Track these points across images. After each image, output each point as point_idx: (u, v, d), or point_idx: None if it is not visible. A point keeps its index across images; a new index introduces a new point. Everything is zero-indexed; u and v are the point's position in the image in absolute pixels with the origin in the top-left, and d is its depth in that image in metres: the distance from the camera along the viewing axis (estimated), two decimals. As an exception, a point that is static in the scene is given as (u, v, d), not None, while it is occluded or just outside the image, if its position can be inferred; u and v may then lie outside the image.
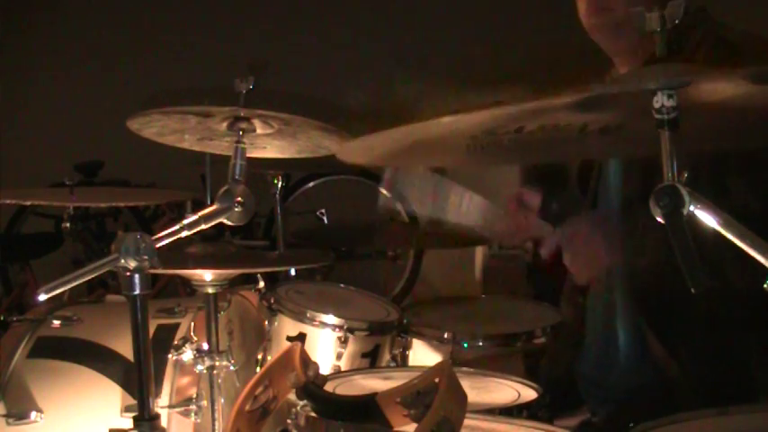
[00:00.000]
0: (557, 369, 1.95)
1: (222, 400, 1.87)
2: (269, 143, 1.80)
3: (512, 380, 1.62)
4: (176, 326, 2.02)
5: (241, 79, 1.63)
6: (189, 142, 1.85)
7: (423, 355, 2.12)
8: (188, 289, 2.99)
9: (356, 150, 1.19)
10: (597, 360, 1.91)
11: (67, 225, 2.90)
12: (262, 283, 2.28)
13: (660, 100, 0.97)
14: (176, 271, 1.97)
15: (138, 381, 1.32)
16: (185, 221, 1.43)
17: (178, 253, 1.89)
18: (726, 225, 0.98)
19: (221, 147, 1.83)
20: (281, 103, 1.61)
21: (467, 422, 1.15)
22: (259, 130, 1.69)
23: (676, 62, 0.93)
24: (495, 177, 2.21)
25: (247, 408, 1.24)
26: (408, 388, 1.13)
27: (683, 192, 0.98)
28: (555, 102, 0.93)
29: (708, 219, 0.98)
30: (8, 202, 3.64)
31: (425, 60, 4.44)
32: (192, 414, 1.91)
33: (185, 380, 1.94)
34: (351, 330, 2.04)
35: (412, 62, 4.50)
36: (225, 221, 1.51)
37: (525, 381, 1.61)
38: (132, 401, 1.71)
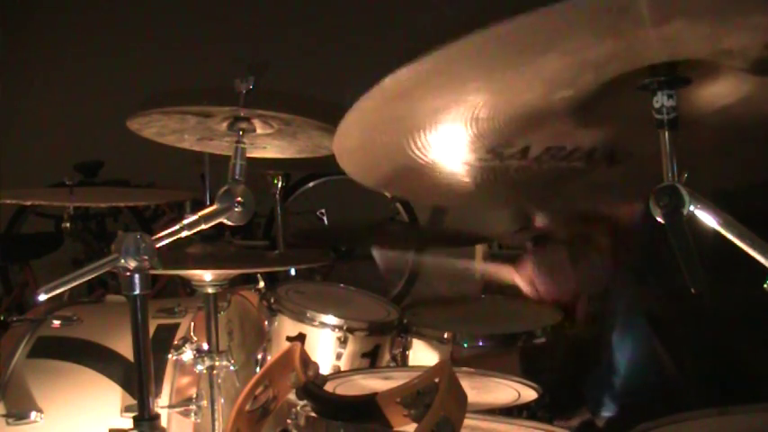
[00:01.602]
0: (568, 369, 1.95)
1: (222, 400, 1.88)
2: (269, 143, 1.80)
3: (512, 380, 1.61)
4: (176, 326, 2.02)
5: (241, 79, 1.63)
6: (189, 142, 1.86)
7: (423, 355, 2.12)
8: (188, 289, 2.99)
9: (356, 169, 1.17)
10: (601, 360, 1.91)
11: (67, 225, 2.91)
12: (262, 283, 2.28)
13: (660, 100, 0.97)
14: (176, 271, 1.97)
15: (138, 381, 1.32)
16: (185, 221, 1.43)
17: (178, 253, 1.89)
18: (726, 225, 0.97)
19: (221, 147, 1.83)
20: (281, 103, 1.61)
21: (467, 422, 1.15)
22: (259, 130, 1.69)
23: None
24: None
25: (247, 408, 1.24)
26: (408, 388, 1.13)
27: (683, 192, 0.97)
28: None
29: (708, 219, 0.98)
30: (8, 202, 3.64)
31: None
32: (192, 414, 1.91)
33: (185, 380, 1.94)
34: (351, 330, 2.04)
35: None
36: (225, 221, 1.51)
37: (525, 381, 1.60)
38: (132, 401, 1.71)
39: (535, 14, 0.78)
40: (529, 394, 1.56)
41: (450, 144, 1.10)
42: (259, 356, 2.10)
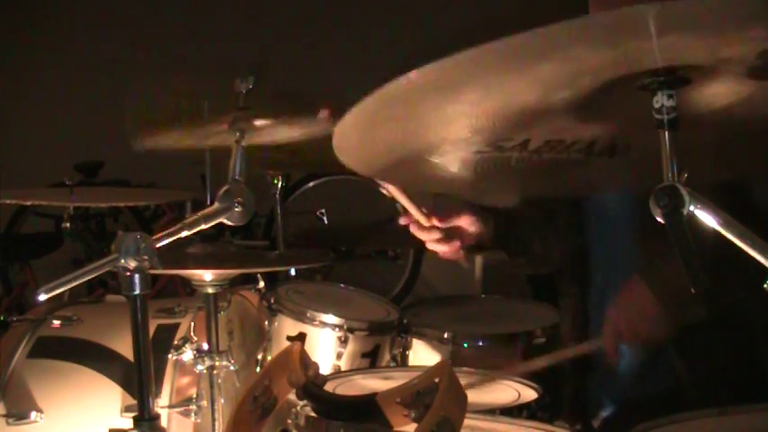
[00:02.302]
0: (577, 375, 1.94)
1: (222, 400, 1.88)
2: (272, 130, 1.78)
3: (512, 380, 1.61)
4: (176, 326, 2.02)
5: (241, 79, 1.63)
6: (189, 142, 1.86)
7: (423, 355, 2.12)
8: (188, 289, 2.99)
9: (355, 158, 1.18)
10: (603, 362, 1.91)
11: (67, 225, 2.91)
12: (262, 283, 2.28)
13: (660, 100, 0.97)
14: (176, 271, 1.97)
15: (138, 381, 1.32)
16: (185, 221, 1.43)
17: (178, 253, 1.89)
18: (726, 225, 0.97)
19: (221, 139, 1.82)
20: (280, 103, 1.62)
21: (467, 422, 1.14)
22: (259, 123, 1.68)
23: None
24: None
25: (247, 408, 1.24)
26: (408, 388, 1.13)
27: (683, 192, 0.97)
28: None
29: (708, 219, 0.98)
30: (8, 202, 3.65)
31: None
32: (192, 414, 1.91)
33: (185, 380, 1.94)
34: (351, 330, 2.04)
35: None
36: (225, 221, 1.51)
37: (525, 381, 1.60)
38: (132, 401, 1.71)
39: (533, 33, 0.80)
40: (529, 394, 1.55)
41: (449, 139, 1.10)
42: (259, 356, 2.10)
